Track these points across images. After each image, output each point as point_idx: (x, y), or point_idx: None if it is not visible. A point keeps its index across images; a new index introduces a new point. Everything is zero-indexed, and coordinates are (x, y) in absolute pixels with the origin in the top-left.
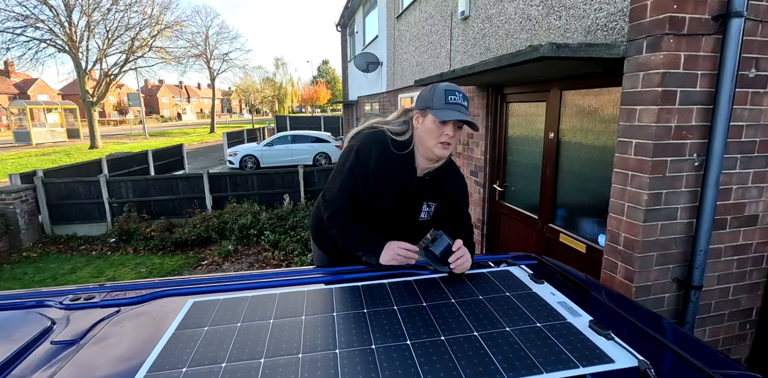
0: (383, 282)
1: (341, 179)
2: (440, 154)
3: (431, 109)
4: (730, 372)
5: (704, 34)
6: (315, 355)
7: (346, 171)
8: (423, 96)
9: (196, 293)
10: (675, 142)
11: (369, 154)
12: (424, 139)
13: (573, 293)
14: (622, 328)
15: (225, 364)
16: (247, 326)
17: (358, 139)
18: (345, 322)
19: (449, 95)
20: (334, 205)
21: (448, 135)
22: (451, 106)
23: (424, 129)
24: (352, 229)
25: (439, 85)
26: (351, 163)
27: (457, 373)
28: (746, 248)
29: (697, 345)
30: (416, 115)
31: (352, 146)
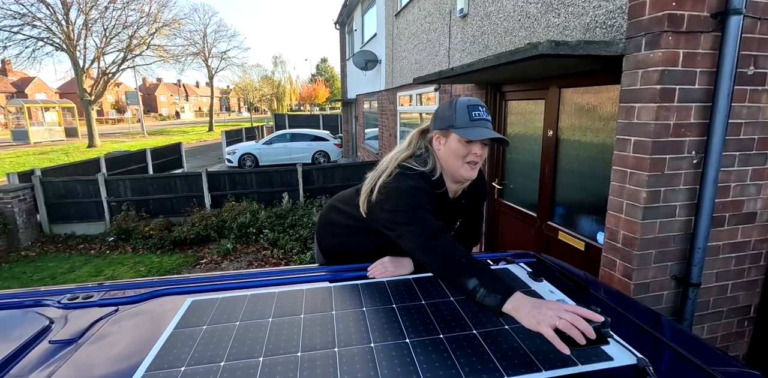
0: (382, 280)
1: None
2: (468, 176)
3: (455, 128)
4: (729, 369)
5: (703, 31)
6: (314, 353)
7: (419, 202)
8: (442, 115)
9: (195, 292)
10: (673, 140)
11: (425, 195)
12: (449, 161)
13: (572, 291)
14: (621, 326)
15: (224, 362)
16: (245, 325)
17: (402, 180)
18: (344, 321)
19: (473, 111)
20: (433, 224)
21: (476, 154)
22: (477, 122)
23: (449, 150)
24: (460, 252)
25: (459, 100)
26: (418, 198)
27: (456, 371)
28: (744, 245)
29: (696, 342)
30: (436, 136)
31: (402, 188)
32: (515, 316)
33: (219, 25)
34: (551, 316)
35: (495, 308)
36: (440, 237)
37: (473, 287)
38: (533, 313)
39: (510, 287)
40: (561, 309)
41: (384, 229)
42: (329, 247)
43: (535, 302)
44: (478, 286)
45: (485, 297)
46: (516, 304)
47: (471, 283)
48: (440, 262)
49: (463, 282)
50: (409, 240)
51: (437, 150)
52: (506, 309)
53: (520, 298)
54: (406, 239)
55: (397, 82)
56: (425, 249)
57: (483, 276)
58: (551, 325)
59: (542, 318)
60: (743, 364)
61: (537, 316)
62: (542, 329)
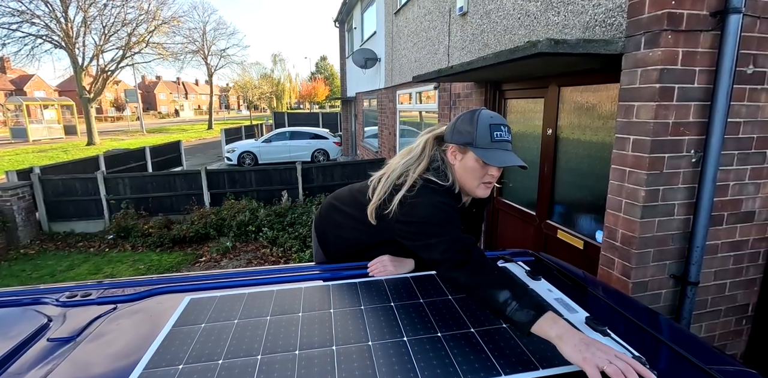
0: (380, 278)
1: (449, 220)
2: (482, 196)
3: (474, 148)
4: (726, 368)
5: (702, 30)
6: (312, 351)
7: (450, 217)
8: (462, 129)
9: (193, 290)
10: (672, 139)
11: (454, 211)
12: (464, 179)
13: (570, 290)
14: (619, 325)
15: (222, 360)
16: (244, 323)
17: (429, 195)
18: (342, 319)
19: (495, 131)
20: (464, 239)
21: (492, 175)
22: (499, 144)
23: (465, 168)
24: (493, 265)
25: (482, 116)
26: (449, 214)
27: (453, 369)
28: (742, 244)
29: (694, 341)
30: (452, 150)
31: (432, 203)
32: (557, 344)
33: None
34: (601, 357)
35: (526, 324)
36: (473, 251)
37: (504, 300)
38: (581, 347)
39: (543, 305)
40: (612, 353)
41: (403, 239)
42: (329, 245)
43: (584, 337)
44: (510, 299)
45: (516, 311)
46: (561, 333)
47: (503, 296)
48: (471, 274)
49: (494, 294)
50: (436, 252)
51: (452, 164)
52: (546, 334)
53: (566, 326)
54: (434, 251)
55: (397, 81)
56: (455, 262)
57: (516, 290)
58: (599, 366)
59: (590, 356)
60: (740, 363)
61: (585, 353)
62: (587, 367)
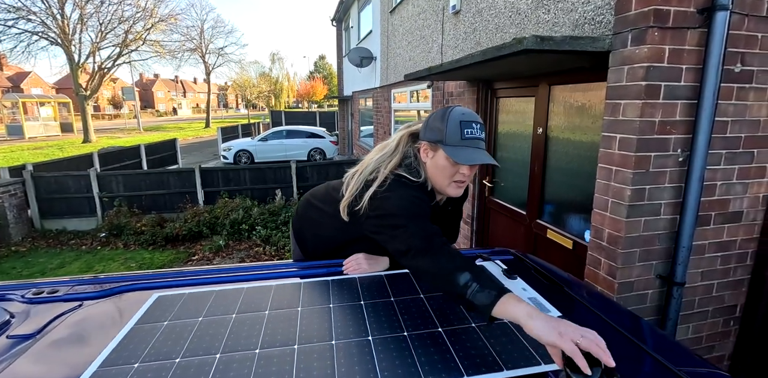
0: (354, 276)
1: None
2: (454, 194)
3: (444, 145)
4: (698, 370)
5: (689, 27)
6: (272, 350)
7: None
8: (433, 126)
9: (164, 287)
10: (659, 137)
11: (425, 205)
12: (435, 177)
13: (545, 289)
14: (593, 325)
15: (179, 359)
16: (208, 321)
17: (399, 189)
18: (308, 317)
19: (466, 128)
20: (429, 229)
21: (463, 174)
22: (469, 142)
23: (436, 166)
24: (454, 251)
25: (453, 113)
26: (418, 207)
27: (415, 369)
28: (730, 245)
29: (668, 343)
30: (424, 147)
31: (401, 196)
32: (527, 322)
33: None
34: (575, 332)
35: (488, 306)
36: (434, 239)
37: (465, 282)
38: (552, 324)
39: (504, 286)
40: (582, 329)
41: (373, 234)
42: (307, 243)
43: (552, 318)
44: (470, 280)
45: (477, 293)
46: (530, 311)
47: (463, 279)
48: (432, 261)
49: (454, 278)
50: (401, 242)
51: (424, 162)
52: (513, 314)
53: (532, 307)
54: (399, 241)
55: (392, 79)
56: (418, 250)
57: (476, 272)
58: (574, 340)
59: (564, 331)
60: (713, 366)
61: (559, 329)
62: (563, 342)
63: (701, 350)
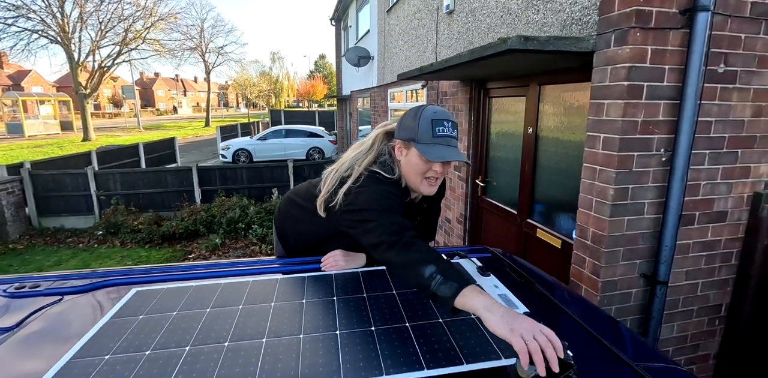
0: (330, 273)
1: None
2: (427, 192)
3: (416, 143)
4: (654, 365)
5: (672, 28)
6: (241, 343)
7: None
8: (406, 124)
9: (144, 283)
10: (642, 137)
11: (398, 200)
12: (409, 174)
13: (517, 286)
14: (559, 320)
15: (149, 351)
16: (182, 315)
17: (373, 184)
18: (280, 312)
19: (437, 126)
20: (400, 223)
21: (435, 171)
22: (440, 139)
23: (409, 163)
24: (422, 244)
25: (425, 112)
26: (391, 201)
27: (377, 362)
28: (715, 244)
29: (630, 338)
30: (399, 145)
31: (374, 190)
32: (484, 315)
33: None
34: (527, 330)
35: (450, 298)
36: (404, 233)
37: (430, 274)
38: (508, 319)
39: (467, 279)
40: (537, 327)
41: (348, 229)
42: (288, 239)
43: (511, 311)
44: (435, 272)
45: (441, 285)
46: (488, 304)
47: (428, 271)
48: (400, 254)
49: (420, 270)
50: (373, 236)
51: (398, 160)
52: (472, 306)
53: (492, 299)
54: (371, 235)
55: (388, 79)
56: (388, 243)
57: (441, 264)
58: (524, 338)
59: (517, 327)
60: (673, 362)
61: (512, 324)
62: (514, 338)
63: (686, 349)
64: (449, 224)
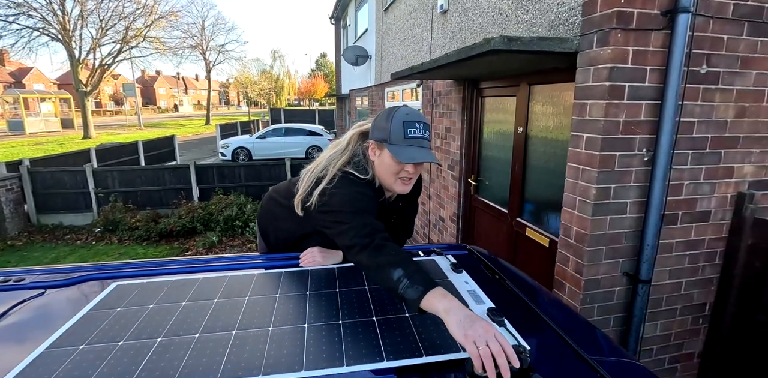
0: (306, 269)
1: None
2: (401, 191)
3: (388, 144)
4: (609, 359)
5: (653, 29)
6: (211, 335)
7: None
8: (379, 125)
9: (126, 277)
10: (623, 137)
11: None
12: (382, 175)
13: (488, 283)
14: (524, 316)
15: (122, 342)
16: (158, 308)
17: (346, 185)
18: (253, 306)
19: (408, 128)
20: (372, 225)
21: (408, 171)
22: (411, 141)
23: (382, 164)
24: (392, 247)
25: (398, 113)
26: (363, 203)
27: (339, 354)
28: (698, 244)
29: (591, 334)
30: (372, 146)
31: (347, 192)
32: (444, 318)
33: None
34: (481, 336)
35: (415, 301)
36: (376, 235)
37: (398, 278)
38: (465, 323)
39: (433, 281)
40: (492, 333)
41: (323, 229)
42: (269, 236)
43: (471, 314)
44: (403, 276)
45: (407, 288)
46: (449, 307)
47: (396, 274)
48: (371, 256)
49: (389, 273)
50: (346, 238)
51: (372, 160)
52: (435, 308)
53: (454, 302)
54: (344, 237)
55: (385, 78)
56: (361, 246)
57: (409, 267)
58: (477, 345)
59: (472, 333)
60: (630, 355)
61: (468, 329)
62: (467, 344)
63: (670, 348)
64: (443, 223)
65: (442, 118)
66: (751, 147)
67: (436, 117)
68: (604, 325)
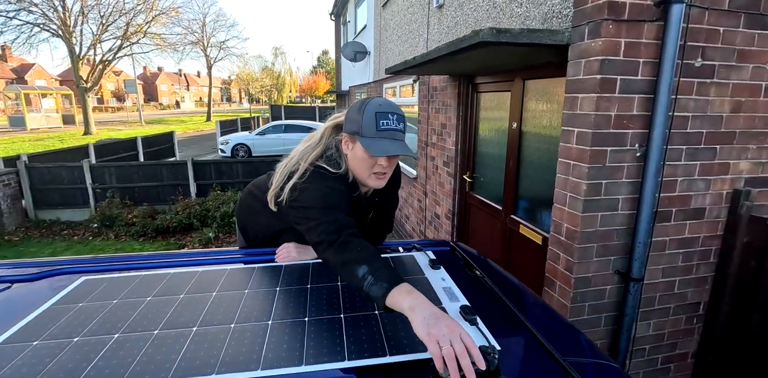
0: (281, 264)
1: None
2: (375, 186)
3: (360, 137)
4: (583, 360)
5: (646, 20)
6: (170, 331)
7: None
8: (351, 117)
9: (98, 271)
10: (615, 132)
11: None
12: (356, 169)
13: (465, 280)
14: (499, 315)
15: (78, 338)
16: (121, 303)
17: (317, 179)
18: (219, 302)
19: (381, 120)
20: (340, 221)
21: (381, 165)
22: (384, 133)
23: (355, 158)
24: (358, 243)
25: (370, 104)
26: (333, 198)
27: (299, 353)
28: (692, 242)
29: (569, 334)
30: (345, 139)
31: (317, 187)
32: (409, 315)
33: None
34: (445, 335)
35: (380, 298)
36: (343, 231)
37: (362, 275)
38: (430, 321)
39: (399, 277)
40: (458, 332)
41: (295, 225)
42: (248, 231)
43: (437, 312)
44: (367, 273)
45: (372, 285)
46: (414, 305)
47: (361, 271)
48: (337, 253)
49: (354, 270)
50: (314, 234)
51: (345, 153)
52: (400, 306)
53: (420, 299)
54: (312, 233)
55: (383, 74)
56: (328, 242)
57: (374, 264)
58: (440, 344)
59: (435, 332)
60: (606, 356)
61: (431, 328)
62: (430, 344)
63: (663, 348)
64: (438, 220)
65: (437, 114)
66: (748, 143)
67: (432, 113)
68: (595, 325)
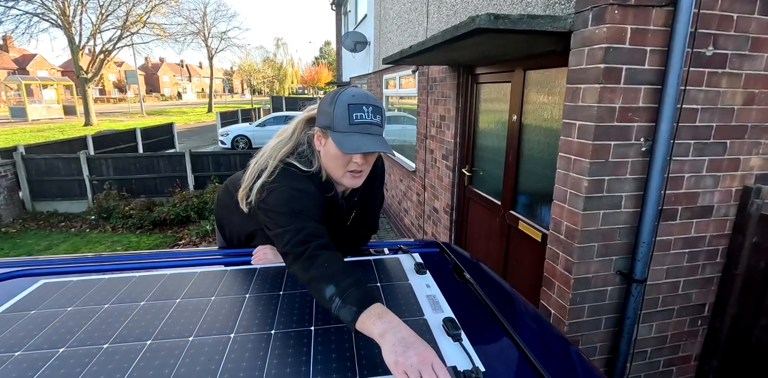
0: (256, 267)
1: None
2: (351, 185)
3: (332, 131)
4: None
5: (654, 5)
6: (121, 346)
7: (301, 206)
8: (323, 109)
9: (61, 273)
10: (619, 125)
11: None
12: (329, 166)
13: (453, 286)
14: (487, 329)
15: (19, 352)
16: (75, 311)
17: (284, 180)
18: (181, 311)
19: (355, 112)
20: (308, 229)
21: (357, 163)
22: (357, 127)
23: (328, 155)
24: (326, 257)
25: (343, 95)
26: (300, 201)
27: (259, 373)
28: (699, 241)
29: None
30: (317, 135)
31: (283, 189)
32: (379, 342)
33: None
34: (413, 365)
35: (350, 323)
36: (311, 243)
37: (330, 296)
38: (398, 349)
39: (370, 297)
40: (429, 362)
41: (265, 228)
42: (225, 230)
43: (408, 337)
44: (335, 295)
45: (341, 309)
46: (383, 331)
47: (328, 292)
48: (304, 269)
49: (321, 290)
50: (280, 244)
51: (318, 150)
52: (369, 331)
53: (392, 323)
54: (279, 242)
55: (383, 65)
56: (294, 255)
57: (342, 283)
58: (408, 374)
59: (403, 361)
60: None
61: (399, 356)
62: (396, 373)
63: (666, 350)
64: (437, 214)
65: (437, 105)
66: (760, 137)
67: (431, 104)
68: (595, 327)
